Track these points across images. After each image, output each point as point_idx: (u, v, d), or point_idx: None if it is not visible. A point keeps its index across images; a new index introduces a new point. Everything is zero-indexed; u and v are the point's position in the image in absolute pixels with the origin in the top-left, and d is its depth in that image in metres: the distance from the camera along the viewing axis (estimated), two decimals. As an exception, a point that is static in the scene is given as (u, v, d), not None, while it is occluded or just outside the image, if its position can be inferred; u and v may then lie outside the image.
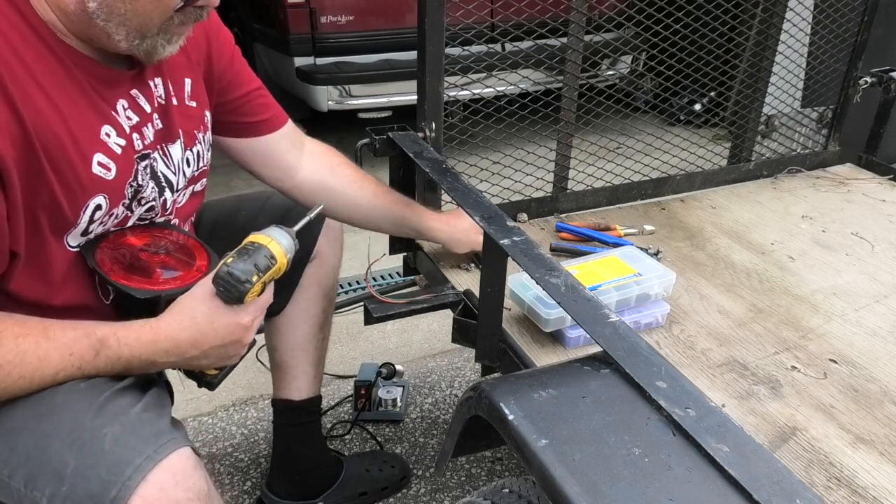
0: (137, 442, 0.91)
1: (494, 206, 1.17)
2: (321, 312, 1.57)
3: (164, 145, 1.09)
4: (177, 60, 1.11)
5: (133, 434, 0.92)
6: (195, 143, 1.16)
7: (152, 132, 1.06)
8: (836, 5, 1.99)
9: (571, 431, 0.74)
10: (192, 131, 1.15)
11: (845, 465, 1.01)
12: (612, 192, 1.86)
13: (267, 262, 1.00)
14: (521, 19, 1.78)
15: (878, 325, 1.35)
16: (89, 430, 0.92)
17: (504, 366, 1.23)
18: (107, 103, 0.99)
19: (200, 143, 1.17)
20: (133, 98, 1.04)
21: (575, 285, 0.95)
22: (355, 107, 3.75)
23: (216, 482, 1.83)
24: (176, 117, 1.10)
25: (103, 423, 0.92)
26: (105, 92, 0.99)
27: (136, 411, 0.96)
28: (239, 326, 1.02)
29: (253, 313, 1.03)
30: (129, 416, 0.95)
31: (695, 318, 1.36)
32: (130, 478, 0.87)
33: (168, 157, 1.10)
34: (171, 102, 1.10)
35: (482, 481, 1.84)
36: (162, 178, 1.09)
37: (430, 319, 2.44)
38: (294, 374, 1.61)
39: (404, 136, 1.48)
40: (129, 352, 0.98)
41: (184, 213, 1.19)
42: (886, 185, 2.01)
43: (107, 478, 0.87)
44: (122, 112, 1.01)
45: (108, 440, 0.90)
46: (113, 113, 1.00)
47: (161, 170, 1.08)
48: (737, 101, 2.05)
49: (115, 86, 1.01)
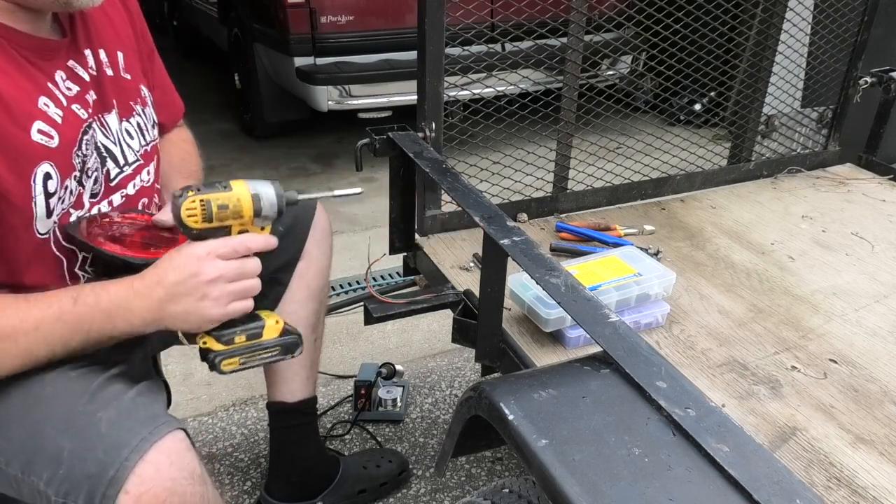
0: (133, 424, 0.93)
1: (494, 206, 1.17)
2: (312, 314, 1.56)
3: (100, 115, 1.10)
4: (108, 34, 1.14)
5: (128, 417, 0.94)
6: (132, 114, 1.17)
7: (89, 104, 1.08)
8: (836, 5, 1.99)
9: (571, 431, 0.74)
10: (128, 102, 1.16)
11: (845, 465, 1.01)
12: (612, 192, 1.86)
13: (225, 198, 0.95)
14: (521, 19, 1.78)
15: (878, 325, 1.35)
16: (84, 415, 0.94)
17: (504, 366, 1.23)
18: (44, 74, 1.01)
19: (140, 115, 1.18)
20: (70, 69, 1.05)
21: (575, 285, 0.95)
22: (355, 107, 3.75)
23: (216, 482, 1.83)
24: (109, 88, 1.12)
25: (97, 408, 0.94)
26: (42, 63, 1.01)
27: (129, 396, 0.98)
28: (191, 256, 0.97)
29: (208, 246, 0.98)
30: (122, 400, 0.97)
31: (695, 318, 1.36)
32: (128, 458, 0.89)
33: (106, 127, 1.11)
34: (104, 73, 1.12)
35: (482, 481, 1.84)
36: (102, 148, 1.10)
37: (430, 319, 2.44)
38: (286, 376, 1.60)
39: (404, 136, 1.48)
40: (106, 297, 0.97)
41: (152, 193, 1.19)
42: (886, 185, 2.01)
43: (104, 459, 0.89)
44: (60, 83, 1.03)
45: (103, 423, 0.92)
46: (49, 84, 1.01)
47: (100, 140, 1.09)
48: (737, 101, 2.05)
49: (50, 57, 1.02)
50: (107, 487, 0.89)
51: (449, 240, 1.64)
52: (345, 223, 3.32)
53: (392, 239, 1.60)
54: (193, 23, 5.80)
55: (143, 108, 1.20)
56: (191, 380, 2.20)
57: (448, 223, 1.66)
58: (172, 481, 0.92)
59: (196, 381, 2.20)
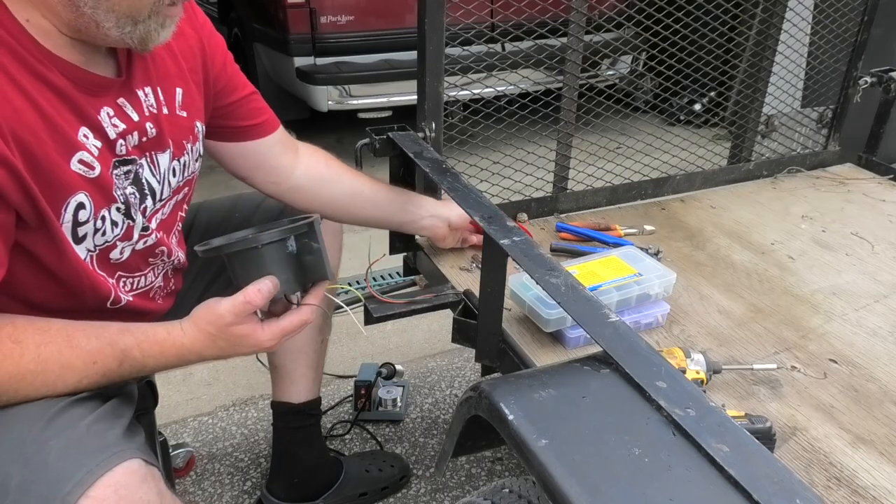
0: (81, 455, 0.88)
1: (494, 206, 1.17)
2: (320, 315, 1.56)
3: (153, 153, 1.08)
4: (168, 69, 1.10)
5: (78, 447, 0.89)
6: (184, 153, 1.15)
7: (139, 139, 1.05)
8: (836, 5, 1.99)
9: (571, 431, 0.74)
10: (182, 141, 1.14)
11: (845, 465, 1.01)
12: (612, 192, 1.86)
13: None
14: (521, 19, 1.78)
15: (878, 325, 1.35)
16: (36, 443, 0.89)
17: (504, 366, 1.23)
18: (91, 107, 0.98)
19: (188, 153, 1.16)
20: (120, 107, 1.02)
21: (575, 285, 0.95)
22: (355, 107, 3.75)
23: (216, 482, 1.84)
24: (166, 126, 1.09)
25: (51, 435, 0.90)
26: (88, 98, 0.97)
27: (86, 423, 0.93)
28: (259, 347, 1.03)
29: (274, 336, 1.03)
30: (77, 428, 0.92)
31: (695, 318, 1.36)
32: (70, 493, 0.84)
33: (155, 165, 1.09)
34: (161, 111, 1.09)
35: (482, 481, 1.84)
36: (146, 184, 1.07)
37: (430, 319, 2.44)
38: (293, 377, 1.60)
39: (404, 136, 1.48)
40: (153, 363, 1.00)
41: (167, 225, 1.17)
42: (886, 185, 2.01)
43: (46, 493, 0.85)
44: (106, 119, 1.00)
45: (52, 454, 0.88)
46: (97, 116, 0.98)
47: (146, 177, 1.07)
48: (737, 101, 2.05)
49: (99, 93, 0.99)
50: None
51: (449, 240, 1.64)
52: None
53: (392, 239, 1.61)
54: (193, 23, 5.80)
55: (192, 146, 1.17)
56: (191, 380, 2.20)
57: (448, 223, 1.66)
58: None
59: (196, 381, 2.20)
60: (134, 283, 1.13)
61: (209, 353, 1.02)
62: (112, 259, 1.06)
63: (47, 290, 1.01)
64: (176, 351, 1.00)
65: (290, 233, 1.02)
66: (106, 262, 1.05)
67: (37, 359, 0.92)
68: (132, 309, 1.13)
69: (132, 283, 1.13)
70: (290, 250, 1.03)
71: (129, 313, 1.12)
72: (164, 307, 1.24)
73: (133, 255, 1.09)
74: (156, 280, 1.18)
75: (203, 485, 1.83)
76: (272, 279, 1.01)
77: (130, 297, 1.12)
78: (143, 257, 1.12)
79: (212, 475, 1.86)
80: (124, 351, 0.98)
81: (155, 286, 1.19)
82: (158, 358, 1.00)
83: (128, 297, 1.11)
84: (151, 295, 1.19)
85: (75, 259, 0.99)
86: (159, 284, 1.20)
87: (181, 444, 1.85)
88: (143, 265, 1.13)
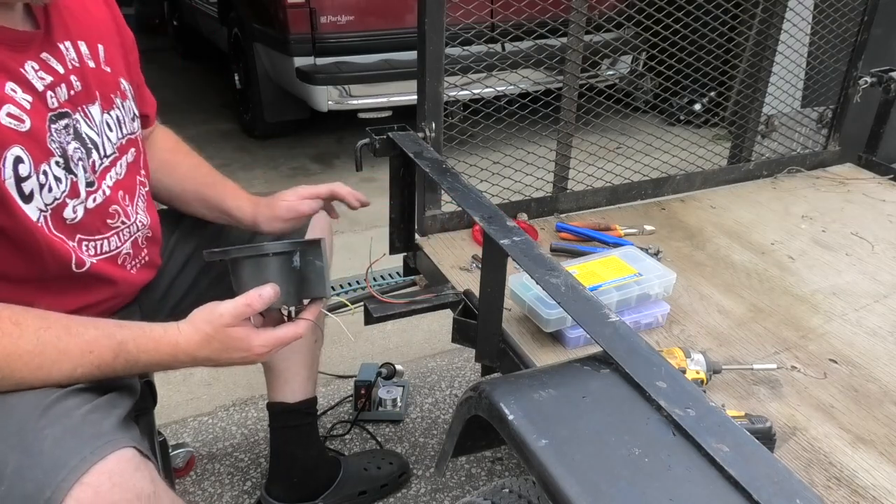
0: (76, 443, 0.90)
1: (494, 206, 1.17)
2: None
3: (84, 106, 1.11)
4: (89, 26, 1.15)
5: (73, 436, 0.91)
6: (113, 106, 1.18)
7: (67, 93, 1.08)
8: (836, 5, 1.99)
9: (571, 431, 0.74)
10: (109, 95, 1.17)
11: (845, 465, 1.01)
12: (612, 192, 1.86)
13: None
14: (521, 19, 1.78)
15: (878, 325, 1.35)
16: (32, 430, 0.91)
17: (504, 366, 1.23)
18: (14, 62, 1.01)
19: (119, 108, 1.19)
20: (43, 61, 1.05)
21: (575, 285, 0.95)
22: (355, 107, 3.75)
23: (216, 482, 1.84)
24: (91, 80, 1.13)
25: (46, 424, 0.92)
26: (10, 53, 1.00)
27: (81, 413, 0.95)
28: (251, 353, 1.06)
29: (266, 345, 1.06)
30: (72, 417, 0.94)
31: (695, 318, 1.36)
32: (65, 479, 0.86)
33: (90, 118, 1.12)
34: (86, 65, 1.13)
35: (482, 481, 1.84)
36: (87, 138, 1.11)
37: (430, 319, 2.44)
38: (286, 376, 1.60)
39: (404, 136, 1.48)
40: (147, 358, 1.01)
41: (127, 186, 1.19)
42: (886, 185, 2.01)
43: (42, 479, 0.86)
44: (31, 72, 1.03)
45: (48, 442, 0.90)
46: (21, 70, 1.01)
47: (85, 131, 1.11)
48: (737, 101, 2.05)
49: (20, 48, 1.02)
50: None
51: (449, 240, 1.64)
52: (345, 223, 3.32)
53: (392, 239, 1.60)
54: (193, 23, 5.80)
55: (122, 101, 1.21)
56: (191, 380, 2.20)
57: (448, 223, 1.67)
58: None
59: (196, 380, 2.20)
60: (98, 247, 1.14)
61: (202, 355, 1.03)
62: (67, 219, 1.07)
63: (4, 255, 1.02)
64: (170, 349, 1.02)
65: (297, 247, 1.07)
66: (61, 223, 1.06)
67: (35, 341, 0.93)
68: (101, 274, 1.14)
69: (96, 246, 1.14)
70: (295, 265, 1.07)
71: (99, 279, 1.14)
72: (140, 279, 1.25)
73: (87, 214, 1.10)
74: (122, 246, 1.19)
75: (203, 485, 1.83)
76: (274, 287, 1.04)
77: (95, 261, 1.13)
78: (100, 218, 1.13)
79: (212, 475, 1.86)
80: (120, 343, 0.99)
81: (122, 252, 1.19)
82: (153, 354, 1.01)
83: (92, 259, 1.12)
84: (121, 262, 1.19)
85: (26, 219, 1.00)
86: (128, 251, 1.21)
87: (181, 444, 1.85)
88: (102, 227, 1.14)
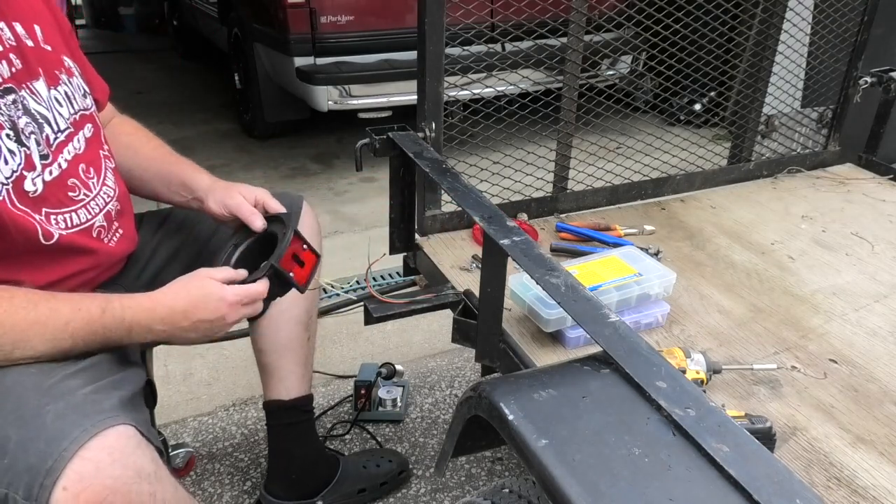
0: (78, 417, 0.93)
1: (494, 206, 1.17)
2: (303, 312, 1.56)
3: (28, 83, 1.13)
4: (22, 8, 1.16)
5: (75, 411, 0.94)
6: (59, 83, 1.19)
7: (9, 69, 1.10)
8: (836, 5, 1.99)
9: (571, 431, 0.74)
10: (53, 72, 1.19)
11: (845, 465, 1.01)
12: (612, 192, 1.86)
13: None
14: (521, 19, 1.78)
15: (878, 325, 1.35)
16: (34, 407, 0.94)
17: (504, 366, 1.23)
18: None
19: (66, 84, 1.21)
20: None
21: (575, 285, 0.95)
22: (355, 107, 3.75)
23: (216, 482, 1.84)
24: (32, 58, 1.14)
25: (48, 401, 0.95)
26: None
27: (83, 392, 0.99)
28: (223, 302, 1.12)
29: (237, 294, 1.14)
30: (75, 395, 0.97)
31: (695, 318, 1.36)
32: (66, 449, 0.89)
33: (36, 94, 1.14)
34: (24, 43, 1.14)
35: (482, 481, 1.84)
36: (36, 114, 1.12)
37: (430, 319, 2.44)
38: (281, 374, 1.60)
39: (404, 136, 1.48)
40: (131, 314, 1.07)
41: (89, 159, 1.21)
42: (886, 185, 2.01)
43: (44, 449, 0.89)
44: None
45: (50, 416, 0.93)
46: None
47: (33, 107, 1.12)
48: (737, 101, 2.05)
49: None
50: (44, 477, 0.88)
51: (449, 240, 1.64)
52: (345, 223, 3.32)
53: (392, 239, 1.60)
54: (193, 23, 5.80)
55: (69, 78, 1.22)
56: (191, 380, 2.20)
57: (448, 223, 1.67)
58: (114, 479, 0.90)
59: (196, 381, 2.20)
60: (69, 220, 1.15)
61: (179, 305, 1.09)
62: (29, 192, 1.08)
63: None
64: (150, 303, 1.09)
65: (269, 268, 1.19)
66: (25, 197, 1.08)
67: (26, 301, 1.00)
68: (74, 246, 1.16)
69: (66, 219, 1.15)
70: None
71: (74, 251, 1.16)
72: (119, 250, 1.27)
73: (47, 187, 1.11)
74: (94, 218, 1.20)
75: (203, 485, 1.83)
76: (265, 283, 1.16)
77: (65, 233, 1.14)
78: (61, 190, 1.14)
79: (212, 475, 1.86)
80: (106, 300, 1.06)
81: (96, 224, 1.21)
82: (136, 309, 1.07)
83: (62, 231, 1.13)
84: (95, 234, 1.21)
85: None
86: (101, 223, 1.22)
87: (181, 444, 1.85)
88: (65, 200, 1.15)
